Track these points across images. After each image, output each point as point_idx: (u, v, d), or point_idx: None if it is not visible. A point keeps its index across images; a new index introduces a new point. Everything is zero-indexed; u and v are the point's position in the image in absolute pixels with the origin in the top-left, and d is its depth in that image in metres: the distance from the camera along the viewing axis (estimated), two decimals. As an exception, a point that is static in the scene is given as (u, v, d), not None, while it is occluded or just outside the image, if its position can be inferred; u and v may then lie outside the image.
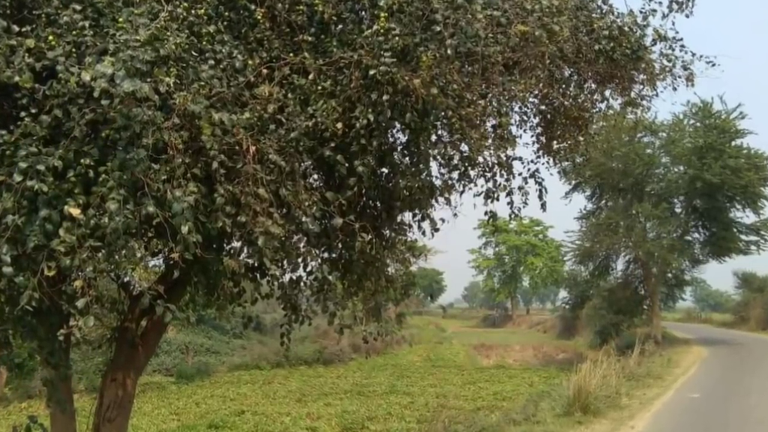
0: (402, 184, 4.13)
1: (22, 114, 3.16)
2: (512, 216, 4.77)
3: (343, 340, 21.12)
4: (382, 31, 3.65)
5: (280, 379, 18.62)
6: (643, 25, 4.89)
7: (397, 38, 3.64)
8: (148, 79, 3.07)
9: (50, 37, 3.25)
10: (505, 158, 4.39)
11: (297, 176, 3.66)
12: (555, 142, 5.28)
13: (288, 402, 14.57)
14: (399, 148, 4.32)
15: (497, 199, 4.47)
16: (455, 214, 4.58)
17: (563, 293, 35.96)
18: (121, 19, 3.28)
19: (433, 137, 4.23)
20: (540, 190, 4.88)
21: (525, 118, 5.07)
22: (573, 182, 24.43)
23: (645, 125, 20.73)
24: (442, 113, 3.89)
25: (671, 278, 25.97)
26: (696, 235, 24.86)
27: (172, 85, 3.18)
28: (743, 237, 23.92)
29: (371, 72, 3.59)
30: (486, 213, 4.56)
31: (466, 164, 4.34)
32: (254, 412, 13.15)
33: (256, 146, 3.43)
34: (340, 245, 4.15)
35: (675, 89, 5.12)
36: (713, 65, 5.12)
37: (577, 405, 9.36)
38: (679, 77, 5.07)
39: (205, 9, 3.65)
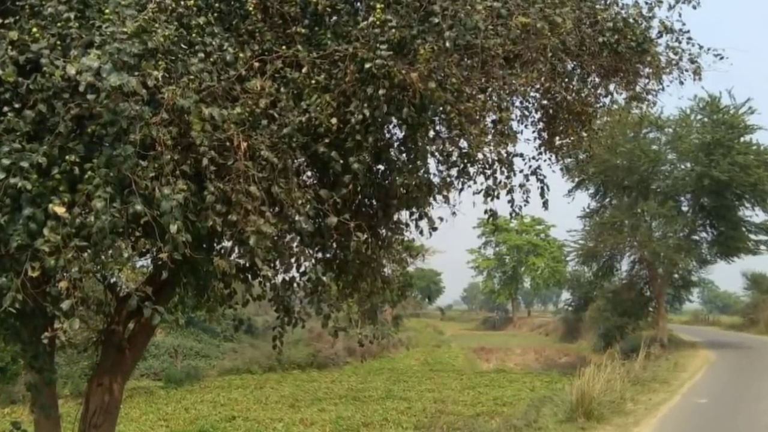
0: (399, 182, 4.05)
1: (5, 109, 3.10)
2: (513, 215, 4.69)
3: (338, 344, 21.12)
4: (378, 22, 3.58)
5: (273, 384, 18.48)
6: (648, 17, 4.78)
7: (393, 30, 3.57)
8: (136, 73, 3.03)
9: (34, 29, 3.20)
10: (505, 155, 4.31)
11: (290, 173, 3.60)
12: (557, 138, 5.18)
13: (280, 407, 14.44)
14: (395, 145, 4.25)
15: (497, 197, 4.37)
16: (454, 213, 4.47)
17: (566, 295, 35.70)
18: (107, 11, 3.22)
19: (431, 133, 4.17)
20: (542, 188, 4.76)
21: (526, 113, 4.99)
22: (576, 180, 24.04)
23: (650, 120, 20.33)
24: (441, 108, 3.81)
25: (678, 279, 25.65)
26: (703, 234, 24.51)
27: (160, 78, 3.14)
28: (752, 236, 23.55)
29: (367, 65, 3.52)
30: (486, 211, 4.47)
31: (465, 161, 4.26)
32: (245, 418, 13.06)
33: (248, 142, 3.37)
34: (334, 245, 4.09)
35: (682, 83, 5.03)
36: (721, 58, 5.00)
37: (581, 410, 9.23)
38: (686, 71, 4.96)
39: (194, 0, 3.56)
